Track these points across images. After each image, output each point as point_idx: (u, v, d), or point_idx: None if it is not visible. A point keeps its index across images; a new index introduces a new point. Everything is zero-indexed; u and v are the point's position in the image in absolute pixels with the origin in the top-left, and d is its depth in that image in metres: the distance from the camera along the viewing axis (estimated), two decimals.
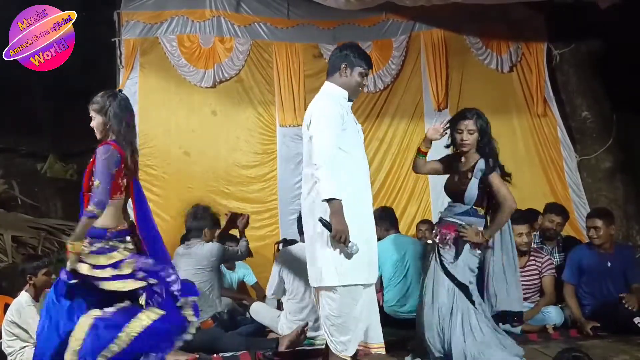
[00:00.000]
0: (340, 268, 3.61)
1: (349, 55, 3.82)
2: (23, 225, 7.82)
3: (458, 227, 4.05)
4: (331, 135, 3.59)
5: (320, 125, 3.62)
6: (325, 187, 3.51)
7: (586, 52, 7.61)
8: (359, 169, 3.79)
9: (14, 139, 9.16)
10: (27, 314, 4.40)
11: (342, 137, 3.64)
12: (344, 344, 3.68)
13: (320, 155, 3.54)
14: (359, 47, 4.02)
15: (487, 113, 7.50)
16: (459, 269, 3.98)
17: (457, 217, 4.13)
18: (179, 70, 7.37)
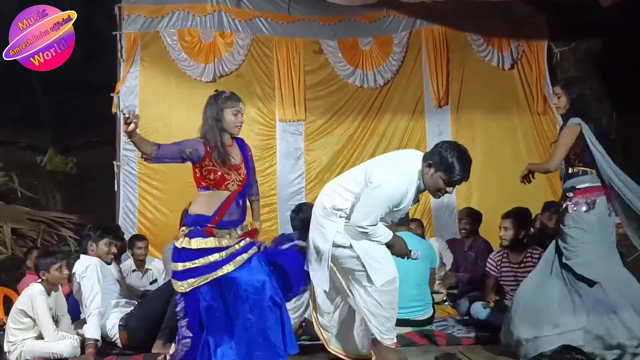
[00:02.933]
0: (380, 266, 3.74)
1: (444, 164, 3.75)
2: (22, 217, 7.85)
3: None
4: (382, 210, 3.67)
5: (379, 193, 3.65)
6: (382, 236, 3.72)
7: (587, 51, 7.61)
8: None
9: (14, 132, 9.19)
10: (38, 303, 4.43)
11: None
12: (392, 331, 3.82)
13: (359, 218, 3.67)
14: (461, 159, 3.84)
15: (488, 110, 7.67)
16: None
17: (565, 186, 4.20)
18: (180, 65, 7.38)
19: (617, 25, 6.87)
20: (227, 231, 3.64)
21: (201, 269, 3.55)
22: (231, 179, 3.67)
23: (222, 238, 3.60)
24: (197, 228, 3.59)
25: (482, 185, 7.53)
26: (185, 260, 3.57)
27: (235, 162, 3.71)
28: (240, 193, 3.71)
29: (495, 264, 5.22)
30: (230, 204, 3.65)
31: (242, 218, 3.74)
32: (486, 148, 7.67)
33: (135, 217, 7.17)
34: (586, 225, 4.08)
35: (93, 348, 4.40)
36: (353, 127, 7.68)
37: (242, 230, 3.71)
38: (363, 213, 3.65)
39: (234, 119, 3.76)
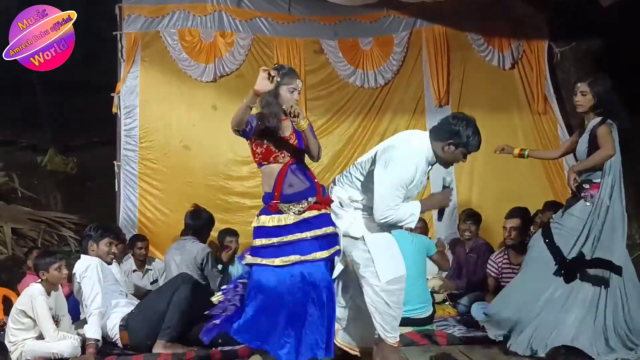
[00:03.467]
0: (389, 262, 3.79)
1: (462, 138, 3.77)
2: (23, 217, 7.85)
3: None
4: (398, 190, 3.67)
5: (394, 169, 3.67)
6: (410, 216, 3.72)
7: (587, 50, 7.59)
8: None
9: (15, 132, 9.18)
10: (38, 303, 4.43)
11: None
12: (396, 330, 3.84)
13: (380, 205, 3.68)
14: (474, 132, 3.82)
15: (488, 110, 7.66)
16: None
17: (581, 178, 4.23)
18: (180, 65, 7.38)
19: (618, 25, 6.86)
20: (295, 204, 3.67)
21: (268, 249, 3.64)
22: (280, 152, 3.71)
23: (289, 212, 3.66)
24: (265, 207, 3.74)
25: (482, 185, 7.54)
26: (259, 237, 3.71)
27: (285, 134, 3.75)
28: (294, 164, 3.73)
29: (497, 264, 5.23)
30: (284, 176, 3.69)
31: (310, 190, 3.72)
32: (487, 147, 7.63)
33: (135, 217, 7.17)
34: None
35: (94, 348, 4.39)
36: (354, 127, 7.68)
37: (306, 204, 3.69)
38: (381, 202, 3.64)
39: (290, 95, 3.74)
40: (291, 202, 3.68)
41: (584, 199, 4.19)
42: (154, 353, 4.47)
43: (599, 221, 4.14)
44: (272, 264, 3.62)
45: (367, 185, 3.78)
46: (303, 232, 3.63)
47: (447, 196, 3.90)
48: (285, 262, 3.61)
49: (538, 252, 4.22)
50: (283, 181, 3.69)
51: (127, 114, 7.24)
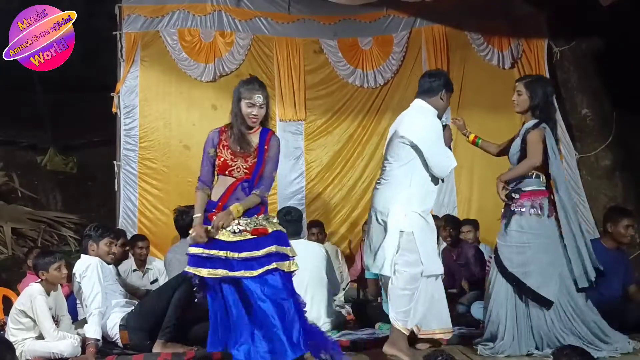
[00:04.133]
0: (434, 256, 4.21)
1: (448, 82, 4.35)
2: (23, 217, 7.85)
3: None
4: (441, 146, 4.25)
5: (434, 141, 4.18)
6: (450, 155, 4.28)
7: (587, 50, 7.60)
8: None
9: (15, 132, 9.19)
10: (37, 303, 4.43)
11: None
12: (405, 314, 4.00)
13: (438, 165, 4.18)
14: (446, 73, 4.66)
15: (488, 109, 7.67)
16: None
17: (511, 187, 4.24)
18: (180, 64, 7.38)
19: (617, 24, 6.86)
20: (236, 219, 3.61)
21: (210, 261, 3.60)
22: (236, 166, 3.69)
23: (231, 226, 3.59)
24: (206, 215, 3.66)
25: (482, 184, 7.53)
26: (195, 246, 3.66)
27: (245, 151, 3.71)
28: (248, 181, 3.70)
29: None
30: (233, 191, 3.68)
31: (254, 208, 3.67)
32: None
33: (135, 216, 7.17)
34: (533, 229, 4.14)
35: (94, 348, 4.39)
36: (353, 126, 7.69)
37: (254, 224, 3.63)
38: (443, 159, 4.18)
39: (248, 110, 3.75)
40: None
41: (514, 209, 4.18)
42: (154, 353, 4.47)
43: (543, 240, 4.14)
44: (199, 273, 3.60)
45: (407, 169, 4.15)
46: (233, 252, 3.58)
47: (449, 132, 4.41)
48: (213, 275, 3.59)
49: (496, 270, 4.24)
50: (230, 195, 3.68)
51: (127, 114, 7.24)
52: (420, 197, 4.13)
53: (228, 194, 3.68)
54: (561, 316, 4.06)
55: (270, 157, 3.74)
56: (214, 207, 3.68)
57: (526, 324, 4.09)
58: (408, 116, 4.30)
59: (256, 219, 3.64)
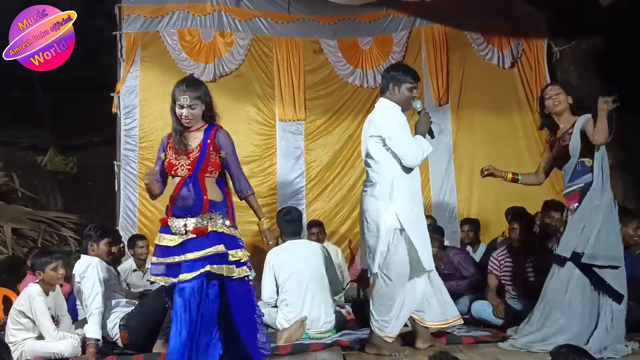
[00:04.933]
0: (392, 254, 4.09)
1: (394, 75, 4.32)
2: (23, 217, 7.85)
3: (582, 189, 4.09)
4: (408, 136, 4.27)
5: (395, 133, 4.19)
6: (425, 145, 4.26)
7: (586, 49, 7.61)
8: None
9: (15, 132, 9.18)
10: (36, 304, 4.43)
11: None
12: (386, 322, 4.10)
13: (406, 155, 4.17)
14: (403, 65, 4.61)
15: (488, 108, 7.68)
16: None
17: (573, 184, 4.18)
18: (180, 64, 7.38)
19: (617, 24, 6.86)
20: (182, 220, 3.57)
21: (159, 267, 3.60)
22: (179, 164, 3.64)
23: (176, 227, 3.57)
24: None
25: (483, 184, 7.52)
26: (154, 255, 3.67)
27: (188, 148, 3.67)
28: (190, 177, 3.60)
29: (498, 263, 5.20)
30: (179, 189, 3.62)
31: (197, 206, 3.58)
32: (487, 146, 7.67)
33: (135, 216, 7.17)
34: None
35: (94, 348, 4.39)
36: (353, 126, 7.68)
37: (198, 224, 3.56)
38: (407, 151, 4.15)
39: (179, 112, 3.72)
40: (179, 218, 3.59)
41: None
42: (154, 352, 4.47)
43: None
44: (161, 282, 3.64)
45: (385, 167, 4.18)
46: (180, 256, 3.53)
47: (426, 117, 4.32)
48: (167, 283, 3.59)
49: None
50: (177, 194, 3.63)
51: (126, 114, 7.24)
52: (406, 192, 4.14)
53: (175, 194, 3.64)
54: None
55: (228, 154, 3.72)
56: (167, 211, 3.67)
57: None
58: (373, 116, 4.36)
59: (201, 218, 3.57)
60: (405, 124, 4.24)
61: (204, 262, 3.48)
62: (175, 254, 3.54)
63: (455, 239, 7.21)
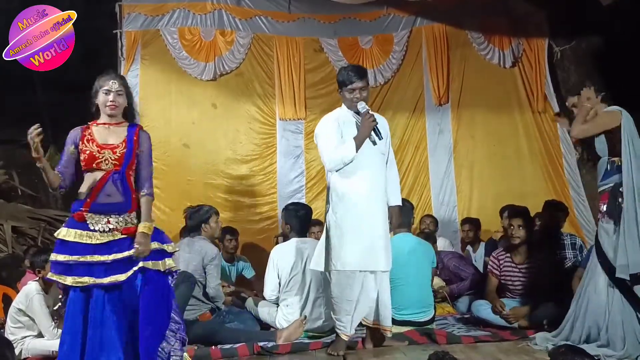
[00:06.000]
0: (334, 254, 4.15)
1: (337, 79, 4.39)
2: (23, 215, 7.84)
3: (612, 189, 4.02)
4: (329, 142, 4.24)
5: (320, 137, 4.32)
6: (347, 151, 4.12)
7: (587, 49, 7.60)
8: (362, 162, 4.17)
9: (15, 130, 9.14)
10: (35, 302, 4.43)
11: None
12: (342, 323, 4.19)
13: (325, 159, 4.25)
14: (344, 67, 4.50)
15: (488, 108, 7.69)
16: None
17: (603, 182, 4.11)
18: (180, 63, 7.38)
19: (617, 23, 6.86)
20: (104, 216, 3.40)
21: (75, 268, 3.33)
22: (104, 158, 3.47)
23: (97, 224, 3.38)
24: (70, 217, 3.44)
25: (483, 183, 7.55)
26: (57, 250, 3.38)
27: (112, 142, 3.52)
28: (117, 173, 3.46)
29: (498, 263, 5.19)
30: (104, 184, 3.44)
31: (125, 204, 3.45)
32: (487, 146, 7.68)
33: None
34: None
35: None
36: None
37: (124, 222, 3.43)
38: (324, 155, 4.20)
39: (105, 98, 3.56)
40: (100, 214, 3.40)
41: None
42: None
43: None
44: (63, 281, 3.32)
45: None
46: (103, 255, 3.35)
47: (368, 119, 4.15)
48: (78, 283, 3.31)
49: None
50: (101, 189, 3.44)
51: None
52: (341, 194, 4.18)
53: (98, 188, 3.44)
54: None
55: (144, 153, 3.58)
56: (82, 205, 3.43)
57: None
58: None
59: (127, 216, 3.44)
60: (332, 128, 4.25)
61: (136, 261, 3.37)
62: (99, 253, 3.35)
63: (456, 239, 7.23)
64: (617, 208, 3.97)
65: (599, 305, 3.99)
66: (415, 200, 7.42)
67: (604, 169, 4.14)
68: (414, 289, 4.90)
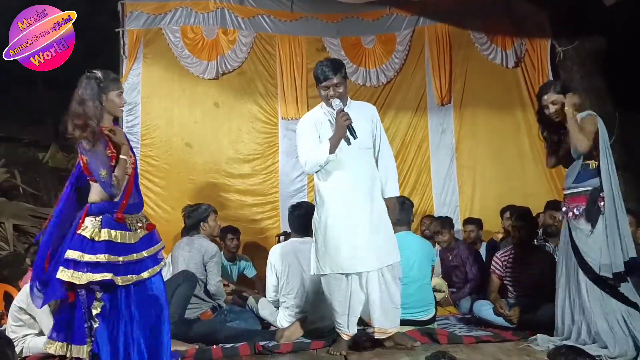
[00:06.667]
0: (320, 258, 4.19)
1: (314, 77, 4.21)
2: (25, 214, 7.86)
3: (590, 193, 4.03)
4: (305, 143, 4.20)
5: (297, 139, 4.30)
6: (320, 155, 4.05)
7: (590, 50, 7.59)
8: (340, 162, 4.11)
9: (17, 129, 9.19)
10: None
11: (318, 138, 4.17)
12: (339, 323, 4.22)
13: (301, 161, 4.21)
14: (320, 62, 4.25)
15: (491, 108, 7.68)
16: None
17: (579, 185, 4.11)
18: (182, 62, 7.37)
19: (620, 24, 6.85)
20: (134, 216, 3.48)
21: (110, 266, 3.32)
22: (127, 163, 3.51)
23: (132, 224, 3.44)
24: (106, 216, 3.38)
25: (485, 183, 7.54)
26: (89, 252, 3.32)
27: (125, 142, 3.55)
28: (134, 177, 3.56)
29: (501, 262, 5.19)
30: (132, 187, 3.50)
31: (141, 203, 3.59)
32: (489, 146, 7.67)
33: None
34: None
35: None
36: None
37: (144, 220, 3.54)
38: (300, 157, 4.17)
39: (118, 100, 3.58)
40: (132, 214, 3.47)
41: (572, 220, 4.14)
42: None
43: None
44: (115, 282, 3.32)
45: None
46: (141, 252, 3.44)
47: (341, 118, 4.01)
48: (126, 282, 3.36)
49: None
50: (131, 190, 3.48)
51: (129, 111, 7.22)
52: (324, 195, 4.16)
53: (129, 192, 3.48)
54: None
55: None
56: (117, 207, 3.41)
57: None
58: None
59: (143, 215, 3.57)
60: (308, 129, 4.19)
61: (156, 257, 3.53)
62: (134, 251, 3.41)
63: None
64: (596, 211, 4.00)
65: (586, 307, 4.01)
66: (417, 200, 7.41)
67: (576, 171, 4.15)
68: (415, 288, 4.90)
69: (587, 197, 4.05)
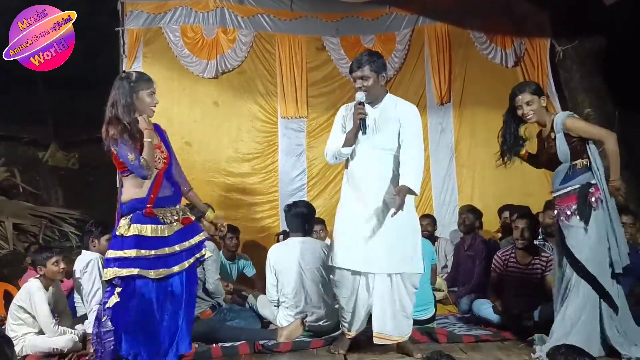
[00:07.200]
0: (332, 249, 4.20)
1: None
2: (24, 213, 7.86)
3: (579, 190, 4.01)
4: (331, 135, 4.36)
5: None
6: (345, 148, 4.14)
7: (589, 49, 7.59)
8: (359, 160, 4.16)
9: (17, 127, 9.18)
10: (36, 299, 4.44)
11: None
12: (344, 319, 4.23)
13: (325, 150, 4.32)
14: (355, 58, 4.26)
15: (491, 107, 7.65)
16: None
17: (566, 185, 4.10)
18: (182, 61, 7.37)
19: (620, 23, 6.85)
20: (167, 209, 3.64)
21: (140, 260, 3.51)
22: (157, 157, 3.70)
23: (165, 217, 3.61)
24: (137, 213, 3.57)
25: (484, 182, 7.54)
26: (136, 246, 3.53)
27: (156, 142, 3.74)
28: (166, 171, 3.73)
29: (502, 262, 5.19)
30: (161, 182, 3.66)
31: (176, 196, 3.75)
32: (488, 145, 7.64)
33: None
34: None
35: None
36: None
37: (182, 212, 3.72)
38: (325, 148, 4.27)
39: (150, 99, 3.72)
40: (164, 207, 3.63)
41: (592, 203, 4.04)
42: None
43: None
44: (147, 275, 3.53)
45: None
46: (173, 246, 3.61)
47: (356, 111, 4.11)
48: (159, 275, 3.56)
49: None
50: (160, 185, 3.66)
51: None
52: (346, 185, 4.23)
53: (157, 186, 3.65)
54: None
55: (173, 152, 3.89)
56: (146, 202, 3.59)
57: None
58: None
59: (180, 208, 3.75)
60: (336, 121, 4.35)
61: (192, 250, 3.70)
62: (166, 245, 3.59)
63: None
64: (588, 207, 3.98)
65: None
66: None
67: (563, 174, 4.13)
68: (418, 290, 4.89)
69: (577, 195, 4.03)
